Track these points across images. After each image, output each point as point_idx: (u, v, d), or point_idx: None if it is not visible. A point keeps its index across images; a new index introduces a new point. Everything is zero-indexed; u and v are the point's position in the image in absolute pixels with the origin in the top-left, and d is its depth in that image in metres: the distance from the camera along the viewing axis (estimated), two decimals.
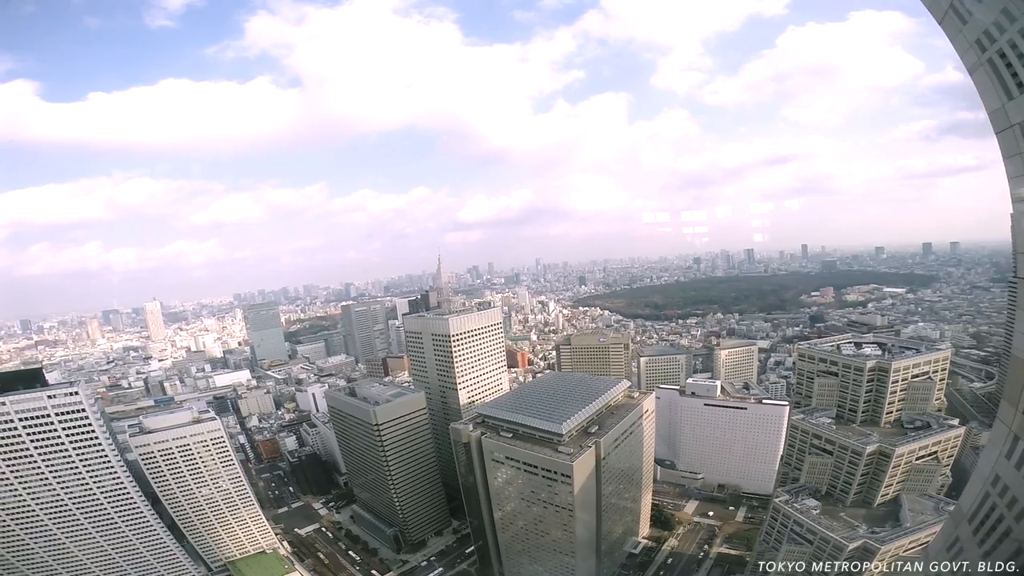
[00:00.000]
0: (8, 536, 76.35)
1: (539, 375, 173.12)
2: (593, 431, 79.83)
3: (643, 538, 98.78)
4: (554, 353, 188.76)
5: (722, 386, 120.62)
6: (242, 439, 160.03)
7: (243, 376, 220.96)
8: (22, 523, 76.46)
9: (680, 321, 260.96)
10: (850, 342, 79.57)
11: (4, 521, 75.41)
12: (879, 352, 74.32)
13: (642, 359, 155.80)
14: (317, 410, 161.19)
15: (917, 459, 64.01)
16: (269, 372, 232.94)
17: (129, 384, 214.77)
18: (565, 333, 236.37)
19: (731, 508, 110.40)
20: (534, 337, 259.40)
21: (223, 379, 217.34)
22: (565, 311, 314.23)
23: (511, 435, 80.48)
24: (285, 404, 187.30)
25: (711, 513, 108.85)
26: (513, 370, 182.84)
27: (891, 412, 70.06)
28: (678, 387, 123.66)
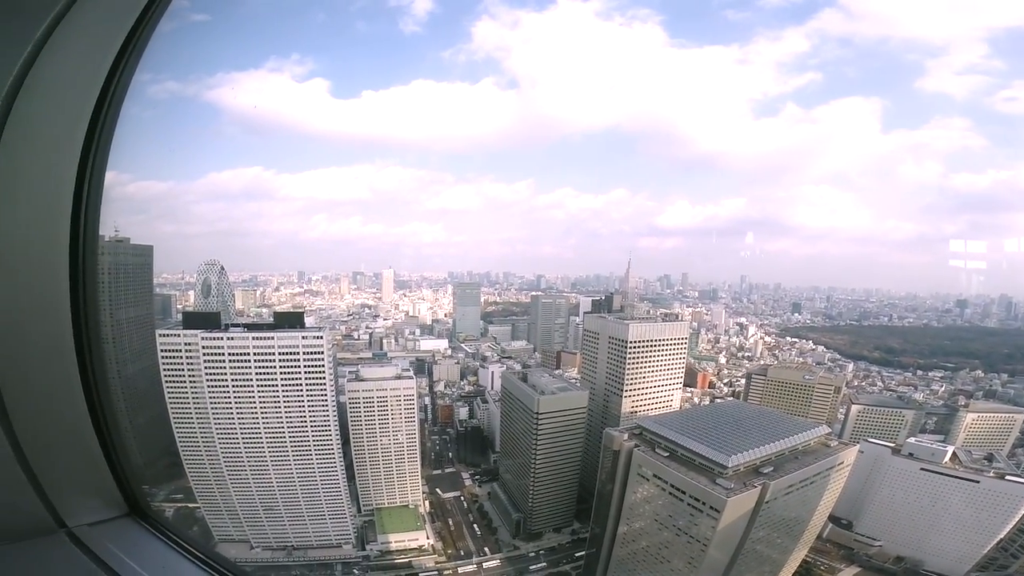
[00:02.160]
0: (233, 447, 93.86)
1: (718, 400, 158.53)
2: (766, 471, 71.46)
3: None
4: (743, 381, 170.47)
5: (955, 452, 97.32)
6: (427, 400, 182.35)
7: (442, 344, 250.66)
8: (248, 439, 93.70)
9: (919, 372, 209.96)
10: None
11: (235, 433, 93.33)
12: None
13: (854, 407, 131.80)
14: (492, 388, 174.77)
15: None
16: (462, 345, 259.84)
17: (358, 336, 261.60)
18: (762, 362, 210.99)
19: None
20: (723, 360, 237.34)
21: (426, 344, 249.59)
22: (767, 338, 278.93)
23: (667, 454, 76.45)
24: (468, 376, 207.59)
25: None
26: (689, 389, 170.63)
27: None
28: (892, 444, 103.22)
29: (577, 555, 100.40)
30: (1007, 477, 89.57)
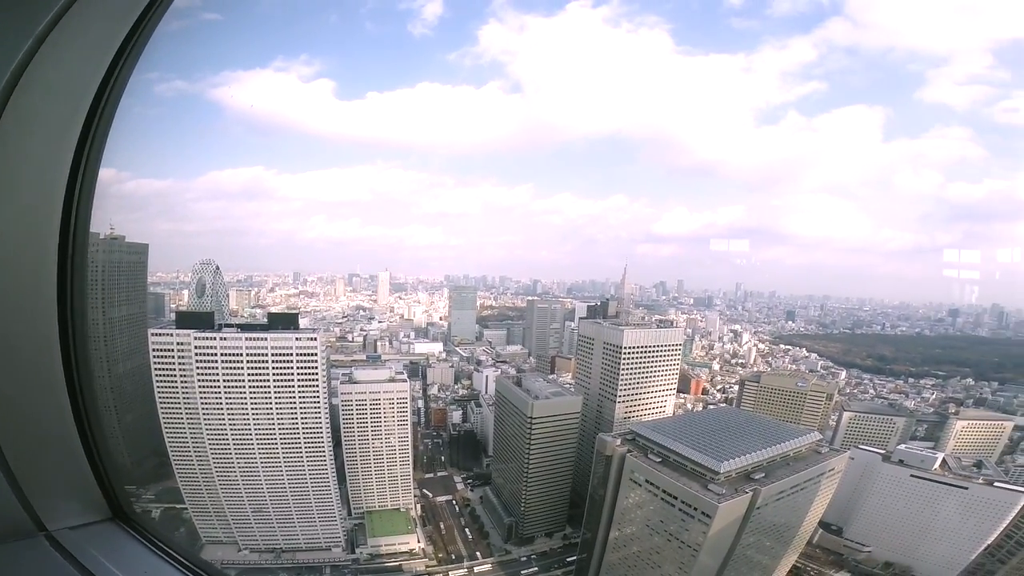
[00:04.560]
0: (222, 447, 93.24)
1: (711, 407, 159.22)
2: (757, 477, 72.10)
3: None
4: (736, 388, 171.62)
5: (944, 459, 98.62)
6: (420, 404, 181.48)
7: (436, 348, 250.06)
8: (238, 439, 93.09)
9: (911, 380, 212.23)
10: None
11: (225, 434, 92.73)
12: None
13: (846, 414, 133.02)
14: (486, 392, 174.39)
15: None
16: (457, 348, 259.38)
17: (352, 339, 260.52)
18: (755, 369, 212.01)
19: None
20: (716, 367, 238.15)
21: (421, 347, 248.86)
22: (761, 346, 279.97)
23: (660, 460, 76.76)
24: (462, 380, 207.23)
25: None
26: (683, 395, 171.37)
27: None
28: (883, 451, 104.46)
29: (569, 560, 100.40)
30: (995, 484, 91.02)
